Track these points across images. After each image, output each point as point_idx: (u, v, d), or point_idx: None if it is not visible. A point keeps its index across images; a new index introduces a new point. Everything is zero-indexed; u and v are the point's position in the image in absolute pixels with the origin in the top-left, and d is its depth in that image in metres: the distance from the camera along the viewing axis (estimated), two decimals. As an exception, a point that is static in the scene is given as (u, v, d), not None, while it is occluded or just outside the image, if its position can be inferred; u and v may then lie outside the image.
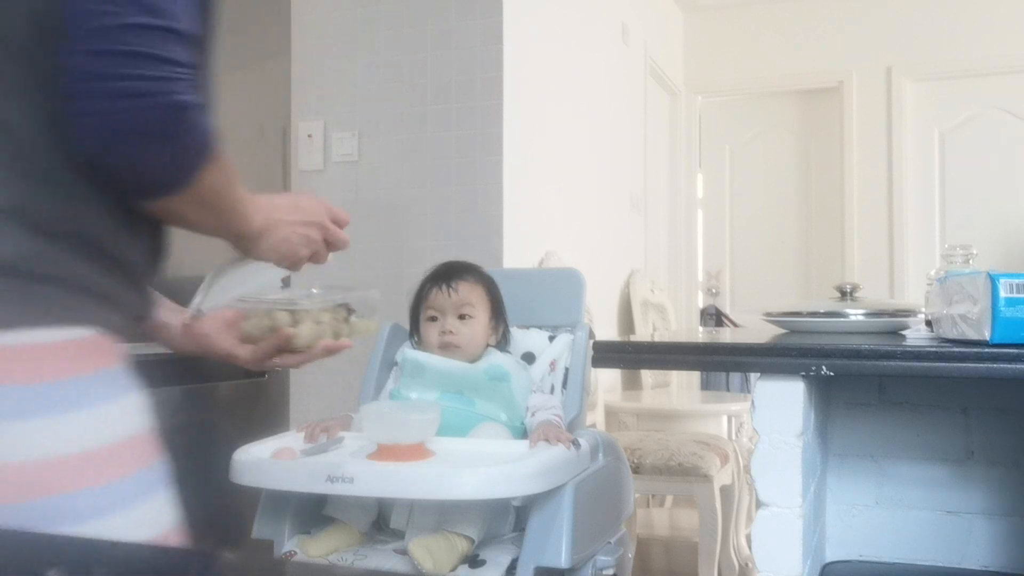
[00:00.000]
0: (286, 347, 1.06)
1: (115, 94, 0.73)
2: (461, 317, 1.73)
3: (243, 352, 1.09)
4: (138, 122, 0.75)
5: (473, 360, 1.72)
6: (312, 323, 1.06)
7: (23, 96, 0.76)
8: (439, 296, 1.74)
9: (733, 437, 3.54)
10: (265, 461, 1.42)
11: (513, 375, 1.69)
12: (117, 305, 0.82)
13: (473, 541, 1.48)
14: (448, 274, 1.77)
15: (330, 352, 1.09)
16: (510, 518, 1.59)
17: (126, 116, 0.74)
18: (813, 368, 1.06)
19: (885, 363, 1.04)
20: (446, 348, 1.71)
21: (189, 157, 0.79)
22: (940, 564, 1.44)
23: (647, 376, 4.01)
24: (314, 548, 1.50)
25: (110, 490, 0.76)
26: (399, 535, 1.55)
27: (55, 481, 0.73)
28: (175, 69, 0.76)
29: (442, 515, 1.48)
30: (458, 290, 1.73)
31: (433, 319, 1.74)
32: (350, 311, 1.10)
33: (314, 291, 1.10)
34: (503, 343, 1.80)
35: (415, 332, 1.80)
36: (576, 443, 1.54)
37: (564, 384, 1.80)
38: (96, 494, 0.75)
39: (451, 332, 1.71)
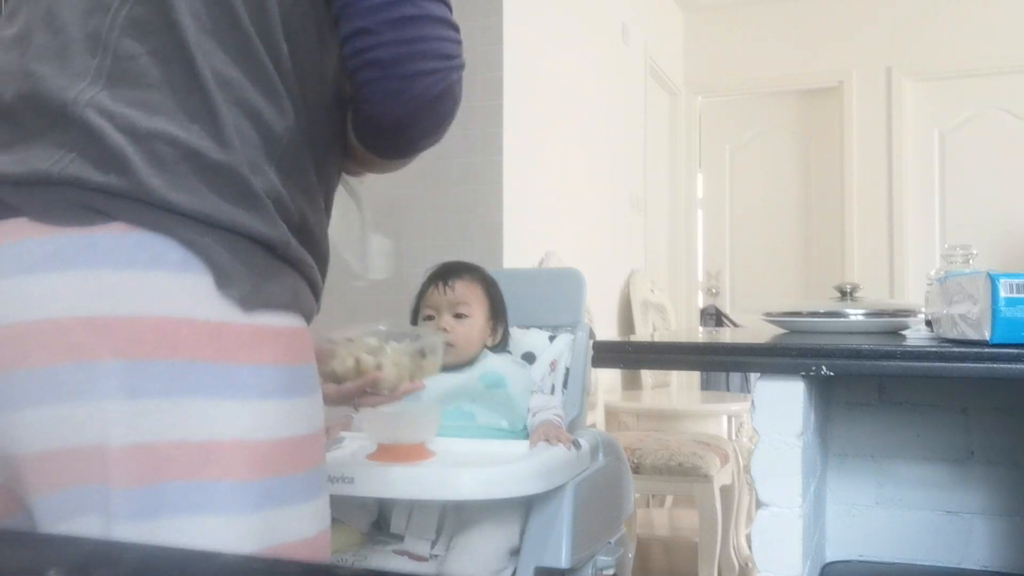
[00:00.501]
0: (371, 389, 1.08)
1: (432, 56, 0.79)
2: (457, 316, 1.71)
3: (329, 390, 1.09)
4: (448, 82, 0.81)
5: (468, 360, 1.71)
6: (393, 366, 1.08)
7: (275, 92, 0.79)
8: (435, 294, 1.74)
9: (733, 437, 3.54)
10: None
11: (509, 379, 1.68)
12: (318, 301, 0.86)
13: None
14: (446, 273, 1.76)
15: (407, 394, 1.12)
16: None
17: (442, 77, 0.80)
18: (813, 368, 1.06)
19: (885, 363, 1.04)
20: None
21: (456, 112, 0.85)
22: (940, 564, 1.44)
23: (647, 376, 4.01)
24: None
25: (305, 478, 0.78)
26: (399, 537, 1.54)
27: (275, 463, 0.74)
28: (458, 33, 0.83)
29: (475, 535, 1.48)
30: (454, 288, 1.73)
31: (430, 318, 1.74)
32: (423, 354, 1.12)
33: (380, 327, 1.12)
34: (502, 344, 1.79)
35: None
36: (576, 443, 1.54)
37: (564, 384, 1.80)
38: (295, 481, 0.77)
39: (445, 330, 1.69)
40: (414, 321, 1.80)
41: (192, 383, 0.70)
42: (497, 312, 1.78)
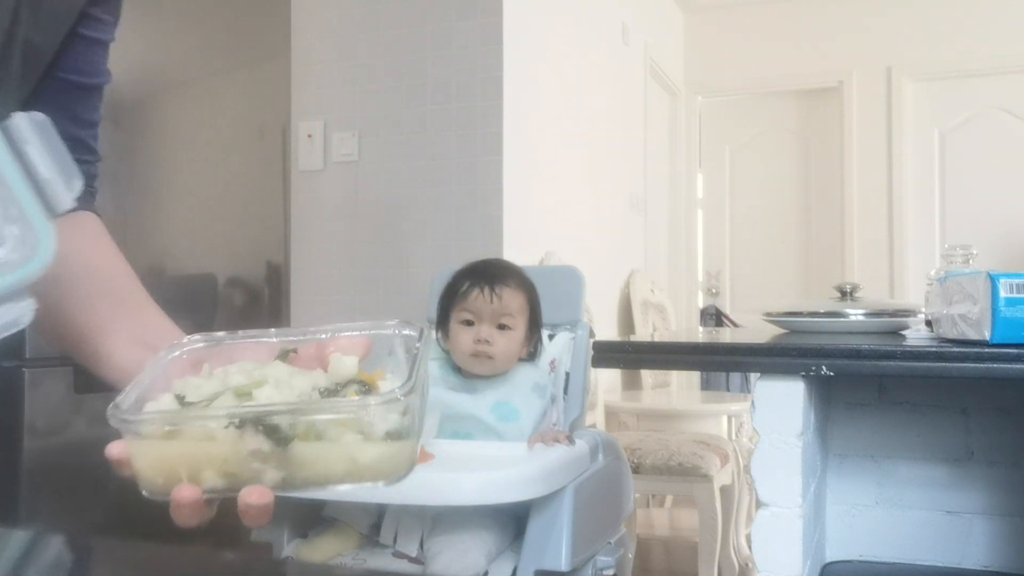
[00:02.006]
0: None
1: None
2: (500, 327, 1.62)
3: None
4: None
5: (503, 373, 1.65)
6: (200, 440, 0.53)
7: None
8: (479, 300, 1.62)
9: (733, 437, 3.54)
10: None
11: (524, 412, 1.61)
12: None
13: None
14: (492, 276, 1.64)
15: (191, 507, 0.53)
16: (509, 531, 1.57)
17: None
18: (813, 368, 1.06)
19: (885, 363, 1.04)
20: (479, 356, 1.61)
21: None
22: (940, 564, 1.44)
23: (647, 376, 4.01)
24: (310, 555, 1.48)
25: None
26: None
27: None
28: None
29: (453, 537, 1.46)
30: (502, 297, 1.61)
31: (468, 323, 1.63)
32: (281, 438, 0.53)
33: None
34: (534, 354, 1.72)
35: (441, 329, 1.67)
36: (570, 439, 1.53)
37: (565, 391, 1.77)
38: None
39: (487, 342, 1.59)
40: (443, 318, 1.65)
41: None
42: (536, 323, 1.69)
